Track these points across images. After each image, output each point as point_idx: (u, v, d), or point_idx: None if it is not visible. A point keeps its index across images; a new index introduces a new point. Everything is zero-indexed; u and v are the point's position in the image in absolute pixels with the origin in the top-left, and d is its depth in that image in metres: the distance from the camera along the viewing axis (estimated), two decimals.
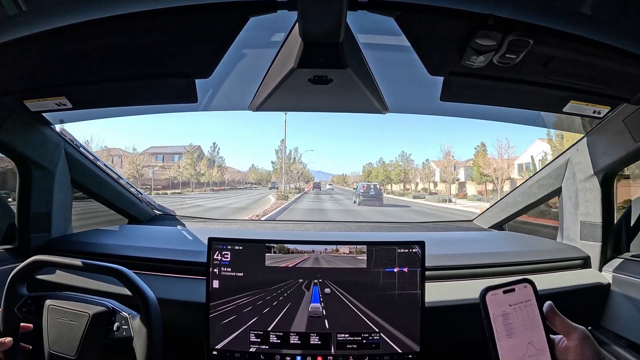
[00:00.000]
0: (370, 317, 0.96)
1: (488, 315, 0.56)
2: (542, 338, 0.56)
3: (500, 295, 0.57)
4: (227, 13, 0.80)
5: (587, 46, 0.81)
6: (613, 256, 1.29)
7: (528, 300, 0.57)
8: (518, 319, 0.56)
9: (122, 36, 0.85)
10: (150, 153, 37.45)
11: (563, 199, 1.43)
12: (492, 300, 0.57)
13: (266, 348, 0.96)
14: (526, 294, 0.57)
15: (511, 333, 0.56)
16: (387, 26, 0.83)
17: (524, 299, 0.57)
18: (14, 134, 1.15)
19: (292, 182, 38.22)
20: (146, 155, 33.84)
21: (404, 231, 1.92)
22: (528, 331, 0.56)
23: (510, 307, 0.57)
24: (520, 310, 0.57)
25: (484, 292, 0.57)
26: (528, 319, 0.56)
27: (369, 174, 45.15)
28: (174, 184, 35.23)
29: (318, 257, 0.98)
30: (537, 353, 0.55)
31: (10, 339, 0.87)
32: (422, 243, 0.98)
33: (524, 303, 0.57)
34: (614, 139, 1.18)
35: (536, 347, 0.55)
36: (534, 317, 0.57)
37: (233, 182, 47.89)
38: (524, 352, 0.55)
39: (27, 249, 1.25)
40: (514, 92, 1.05)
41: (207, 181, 38.76)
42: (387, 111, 1.24)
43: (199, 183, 37.62)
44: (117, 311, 0.91)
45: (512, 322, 0.56)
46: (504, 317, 0.56)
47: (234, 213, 16.19)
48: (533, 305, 0.57)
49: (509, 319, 0.56)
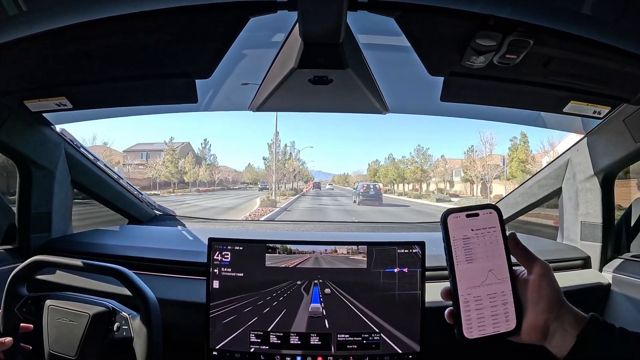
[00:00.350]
0: (371, 317, 0.96)
1: (448, 238, 0.54)
2: (504, 268, 0.53)
3: (462, 218, 0.54)
4: (227, 13, 0.80)
5: (587, 46, 0.81)
6: (613, 256, 1.29)
7: (492, 227, 0.54)
8: (479, 244, 0.53)
9: (122, 36, 0.85)
10: (135, 150, 34.63)
11: (563, 199, 1.43)
12: (454, 223, 0.54)
13: (266, 348, 0.96)
14: (491, 220, 0.54)
15: (471, 258, 0.53)
16: (388, 26, 0.83)
17: (487, 225, 0.54)
18: (14, 134, 1.15)
19: (287, 182, 34.81)
20: (131, 153, 31.91)
21: (404, 231, 1.92)
22: (489, 259, 0.53)
23: (472, 232, 0.53)
24: (483, 237, 0.54)
25: (445, 214, 0.54)
26: (490, 246, 0.53)
27: (375, 173, 41.72)
28: (156, 184, 32.33)
29: (318, 257, 0.98)
30: (497, 282, 0.53)
31: (10, 338, 0.87)
32: (423, 243, 0.98)
33: (487, 229, 0.54)
34: (614, 140, 1.18)
35: (497, 276, 0.53)
36: (497, 245, 0.54)
37: (226, 181, 44.69)
38: (482, 279, 0.53)
39: (27, 249, 1.25)
40: (514, 93, 1.05)
41: (194, 180, 35.89)
42: (387, 111, 1.24)
43: (183, 182, 34.85)
44: (117, 311, 0.90)
45: (473, 248, 0.53)
46: (464, 241, 0.54)
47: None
48: (497, 233, 0.54)
49: (469, 244, 0.53)
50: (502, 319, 0.52)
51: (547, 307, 0.50)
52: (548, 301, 0.51)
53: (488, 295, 0.52)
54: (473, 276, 0.53)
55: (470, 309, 0.52)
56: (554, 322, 0.50)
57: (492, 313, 0.52)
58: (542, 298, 0.51)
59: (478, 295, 0.52)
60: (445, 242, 0.54)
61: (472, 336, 0.52)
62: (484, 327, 0.52)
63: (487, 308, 0.52)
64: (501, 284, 0.53)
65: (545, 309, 0.50)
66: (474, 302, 0.52)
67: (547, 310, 0.50)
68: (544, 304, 0.51)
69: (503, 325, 0.52)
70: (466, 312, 0.52)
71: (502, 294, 0.53)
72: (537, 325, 0.51)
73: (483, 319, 0.52)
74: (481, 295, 0.52)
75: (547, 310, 0.50)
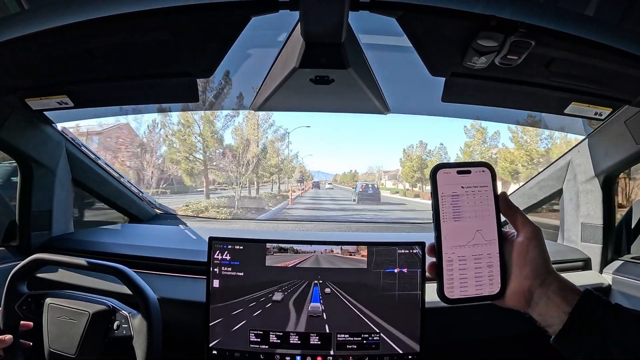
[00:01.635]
0: (370, 317, 0.96)
1: (436, 193, 0.51)
2: (493, 229, 0.51)
3: (453, 174, 0.51)
4: (229, 13, 0.80)
5: (589, 48, 0.81)
6: (614, 258, 1.29)
7: (484, 186, 0.51)
8: (469, 203, 0.51)
9: (124, 35, 0.85)
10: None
11: (564, 200, 1.43)
12: (443, 179, 0.51)
13: (266, 348, 0.96)
14: (483, 179, 0.51)
15: (459, 216, 0.51)
16: (389, 27, 0.83)
17: (479, 183, 0.51)
18: (15, 132, 1.15)
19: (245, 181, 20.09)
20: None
21: (405, 231, 1.92)
22: (478, 219, 0.51)
23: (462, 189, 0.51)
24: (473, 195, 0.51)
25: (435, 169, 0.52)
26: (481, 205, 0.51)
27: (422, 164, 25.98)
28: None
29: (318, 257, 0.98)
30: (485, 243, 0.50)
31: (11, 336, 0.88)
32: (423, 243, 0.98)
33: (478, 188, 0.51)
34: (615, 141, 1.18)
35: (484, 237, 0.51)
36: (488, 205, 0.51)
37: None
38: (469, 239, 0.50)
39: (28, 247, 1.26)
40: (516, 93, 1.05)
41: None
42: (388, 112, 1.24)
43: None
44: (117, 310, 0.91)
45: (462, 206, 0.51)
46: (453, 197, 0.51)
47: None
48: (489, 193, 0.51)
49: (458, 201, 0.51)
50: (486, 282, 0.50)
51: (532, 272, 0.48)
52: (534, 266, 0.48)
53: (473, 255, 0.50)
54: (459, 235, 0.51)
55: (453, 268, 0.50)
56: (538, 288, 0.48)
57: (476, 274, 0.50)
58: (528, 262, 0.49)
59: (462, 255, 0.50)
60: (433, 197, 0.51)
61: (453, 296, 0.50)
62: (466, 289, 0.50)
63: (471, 269, 0.50)
64: (488, 246, 0.51)
65: (530, 274, 0.48)
66: (458, 262, 0.50)
67: (532, 275, 0.48)
68: (529, 269, 0.48)
69: (487, 288, 0.50)
70: (449, 271, 0.50)
71: (489, 256, 0.51)
72: (520, 290, 0.49)
73: (466, 279, 0.50)
74: (466, 255, 0.50)
75: (531, 276, 0.48)
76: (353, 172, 54.10)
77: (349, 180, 47.64)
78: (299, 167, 33.03)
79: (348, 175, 54.14)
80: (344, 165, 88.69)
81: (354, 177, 50.50)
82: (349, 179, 50.12)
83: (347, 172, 56.91)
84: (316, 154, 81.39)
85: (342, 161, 77.75)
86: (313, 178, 44.58)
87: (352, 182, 44.94)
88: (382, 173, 43.37)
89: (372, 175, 44.47)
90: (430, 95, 1.11)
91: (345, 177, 53.24)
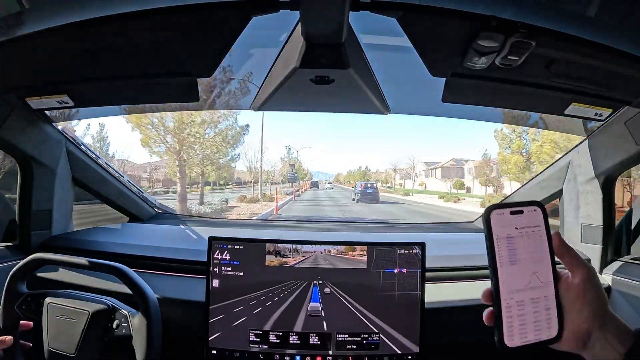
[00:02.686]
0: (370, 317, 0.96)
1: (491, 236, 0.49)
2: (548, 270, 0.49)
3: (506, 215, 0.50)
4: (229, 12, 0.80)
5: (590, 48, 0.81)
6: (613, 259, 1.28)
7: (537, 226, 0.50)
8: (524, 245, 0.50)
9: (124, 34, 0.85)
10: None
11: (564, 201, 1.43)
12: (497, 221, 0.50)
13: (265, 348, 0.96)
14: (535, 218, 0.50)
15: (515, 260, 0.49)
16: (389, 27, 0.83)
17: (532, 223, 0.50)
18: (15, 131, 1.15)
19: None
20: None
21: (404, 232, 1.92)
22: (534, 260, 0.49)
23: (516, 231, 0.50)
24: (527, 236, 0.50)
25: (489, 210, 0.50)
26: (535, 247, 0.50)
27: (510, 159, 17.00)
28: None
29: (318, 257, 0.98)
30: (541, 286, 0.49)
31: (11, 337, 0.88)
32: (423, 244, 0.98)
33: (532, 228, 0.50)
34: (616, 142, 1.18)
35: (540, 280, 0.49)
36: (542, 246, 0.50)
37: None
38: (526, 283, 0.49)
39: (28, 246, 1.25)
40: (516, 94, 1.05)
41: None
42: (388, 112, 1.24)
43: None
44: (117, 309, 0.91)
45: (517, 248, 0.49)
46: (508, 240, 0.49)
47: None
48: (542, 233, 0.50)
49: (513, 244, 0.50)
50: (544, 326, 0.49)
51: (591, 314, 0.47)
52: (593, 308, 0.47)
53: (531, 299, 0.49)
54: (516, 279, 0.49)
55: (512, 314, 0.48)
56: (596, 331, 0.47)
57: (535, 319, 0.49)
58: (587, 304, 0.47)
59: (521, 300, 0.49)
60: (487, 240, 0.50)
61: (514, 344, 0.48)
62: (526, 334, 0.48)
63: (529, 314, 0.48)
64: (544, 288, 0.49)
65: (589, 317, 0.47)
66: (516, 307, 0.49)
67: (591, 318, 0.47)
68: (588, 310, 0.47)
69: (545, 333, 0.48)
70: (508, 318, 0.48)
71: (545, 299, 0.49)
72: (579, 333, 0.47)
73: (525, 325, 0.48)
74: (524, 300, 0.49)
75: (590, 319, 0.47)
76: (363, 169, 46.25)
77: (359, 179, 40.29)
78: (289, 161, 25.78)
79: (356, 173, 45.48)
80: (348, 162, 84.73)
81: (365, 175, 42.62)
82: (358, 177, 42.55)
83: (353, 170, 47.69)
84: (316, 154, 79.74)
85: (344, 159, 75.06)
86: (312, 177, 41.87)
87: (364, 181, 36.51)
88: (420, 165, 34.94)
89: (395, 171, 36.34)
90: (431, 96, 1.11)
91: (352, 176, 44.89)
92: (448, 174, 30.98)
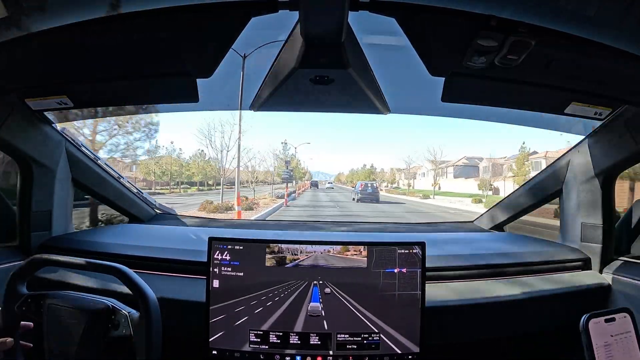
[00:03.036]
0: (370, 317, 0.96)
1: (591, 345, 0.54)
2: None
3: (602, 324, 0.55)
4: (228, 12, 0.80)
5: (589, 48, 0.81)
6: (613, 258, 1.28)
7: (628, 331, 0.55)
8: (618, 351, 0.54)
9: (124, 35, 0.85)
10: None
11: (564, 200, 1.43)
12: (595, 329, 0.54)
13: (265, 348, 0.96)
14: (626, 324, 0.56)
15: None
16: (389, 27, 0.83)
17: (624, 329, 0.55)
18: (15, 132, 1.15)
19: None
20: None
21: (405, 232, 1.92)
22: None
23: (611, 338, 0.54)
24: (621, 342, 0.55)
25: (586, 320, 0.55)
26: (627, 351, 0.54)
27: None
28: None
29: (318, 257, 0.98)
30: None
31: (12, 339, 0.87)
32: (423, 243, 0.98)
33: (624, 334, 0.55)
34: (615, 141, 1.18)
35: None
36: (633, 349, 0.54)
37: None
38: None
39: (28, 247, 1.26)
40: (515, 93, 1.05)
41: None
42: (388, 112, 1.24)
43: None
44: (117, 309, 0.90)
45: (614, 355, 0.54)
46: (606, 347, 0.54)
47: None
48: (632, 338, 0.55)
49: (610, 351, 0.54)
50: None
51: None
52: None
53: None
54: None
55: None
56: None
57: None
58: None
59: None
60: (587, 349, 0.54)
61: None
62: None
63: None
64: None
65: None
66: None
67: None
68: None
69: None
70: None
71: None
72: None
73: None
74: None
75: None
76: (368, 167, 41.22)
77: (364, 178, 35.67)
78: (284, 158, 22.42)
79: (360, 172, 40.39)
80: (350, 162, 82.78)
81: (370, 174, 37.86)
82: (362, 177, 37.71)
83: (357, 169, 42.75)
84: (316, 153, 78.70)
85: (345, 159, 73.69)
86: (311, 177, 40.85)
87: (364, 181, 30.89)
88: (426, 164, 29.86)
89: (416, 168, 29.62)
90: (430, 95, 1.11)
91: (357, 176, 39.70)
92: (461, 173, 28.63)
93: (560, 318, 1.20)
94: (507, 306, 1.12)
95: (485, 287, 1.16)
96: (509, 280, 1.21)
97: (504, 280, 1.21)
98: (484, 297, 1.12)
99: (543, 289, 1.16)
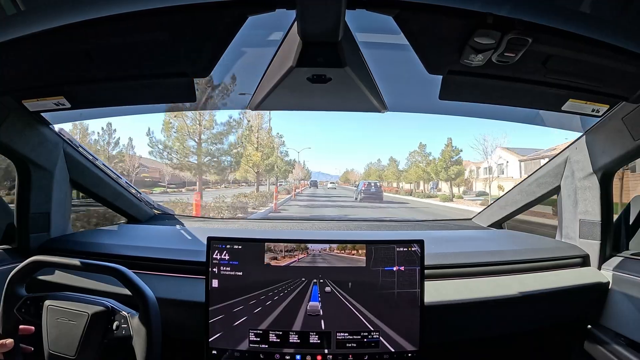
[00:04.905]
0: (369, 316, 0.96)
1: None
2: None
3: None
4: (225, 12, 0.80)
5: (586, 44, 0.81)
6: (612, 254, 1.29)
7: None
8: None
9: (120, 35, 0.85)
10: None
11: (562, 197, 1.43)
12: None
13: (265, 347, 0.96)
14: None
15: None
16: (386, 25, 0.83)
17: None
18: (12, 133, 1.14)
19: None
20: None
21: (403, 230, 1.92)
22: None
23: None
24: None
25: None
26: None
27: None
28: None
29: (317, 256, 0.98)
30: None
31: (12, 340, 0.87)
32: (421, 241, 0.98)
33: None
34: (613, 137, 1.18)
35: None
36: None
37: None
38: None
39: (27, 249, 1.25)
40: (513, 91, 1.05)
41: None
42: (385, 110, 1.24)
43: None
44: (117, 310, 0.90)
45: None
46: None
47: None
48: None
49: None
50: None
51: None
52: None
53: None
54: None
55: None
56: None
57: None
58: None
59: None
60: None
61: None
62: None
63: None
64: None
65: None
66: None
67: None
68: None
69: None
70: None
71: None
72: None
73: None
74: None
75: None
76: (378, 165, 33.89)
77: (372, 177, 30.96)
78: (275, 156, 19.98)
79: (372, 170, 33.55)
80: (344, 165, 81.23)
81: (380, 174, 31.71)
82: (371, 175, 32.42)
83: (374, 163, 35.23)
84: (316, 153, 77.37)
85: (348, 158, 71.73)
86: (311, 177, 40.87)
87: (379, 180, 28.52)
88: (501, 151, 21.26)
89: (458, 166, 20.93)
90: (428, 93, 1.11)
91: (374, 174, 32.90)
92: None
93: (559, 315, 1.20)
94: (506, 303, 1.13)
95: (484, 285, 1.17)
96: (507, 278, 1.21)
97: (502, 277, 1.21)
98: (483, 294, 1.12)
99: (542, 286, 1.16)
